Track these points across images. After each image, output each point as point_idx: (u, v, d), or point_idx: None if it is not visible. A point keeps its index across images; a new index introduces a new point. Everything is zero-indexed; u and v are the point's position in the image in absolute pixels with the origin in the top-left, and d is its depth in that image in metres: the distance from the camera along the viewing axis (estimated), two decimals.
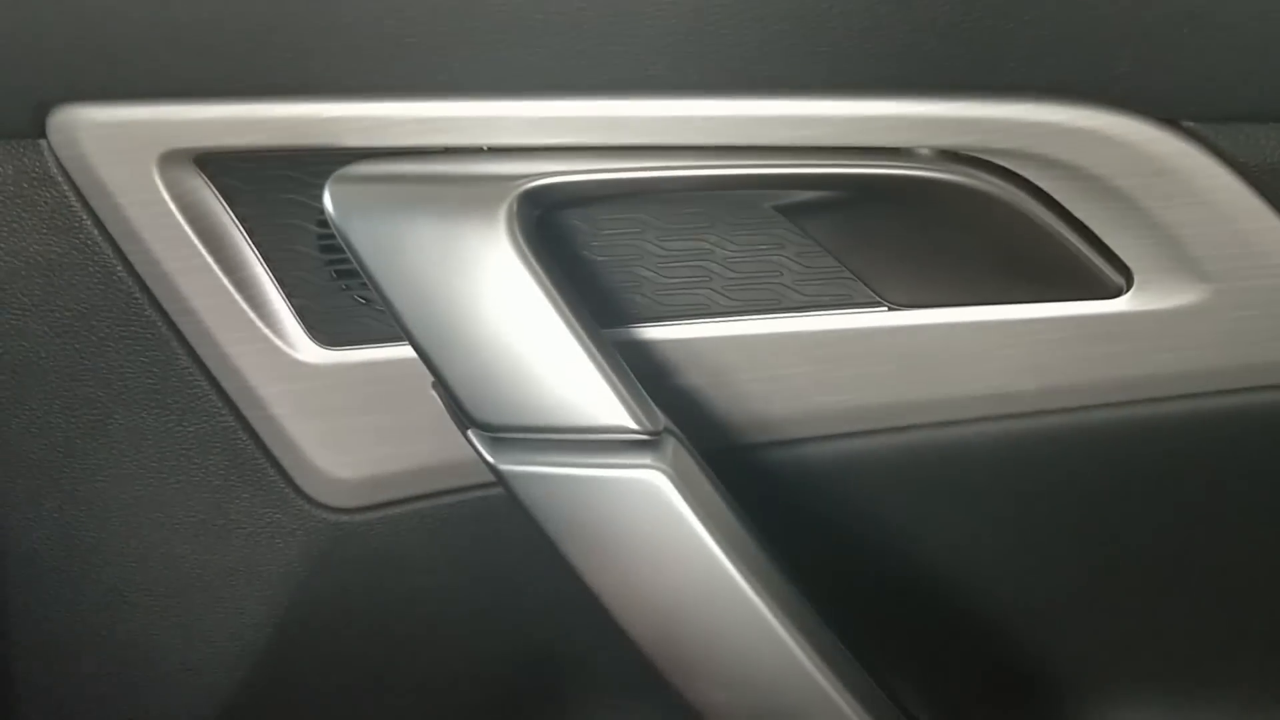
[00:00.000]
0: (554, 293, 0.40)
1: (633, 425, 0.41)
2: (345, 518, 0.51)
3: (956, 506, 0.49)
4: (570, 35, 0.38)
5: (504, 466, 0.42)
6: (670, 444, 0.42)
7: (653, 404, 0.42)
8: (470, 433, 0.42)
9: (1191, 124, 0.39)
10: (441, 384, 0.42)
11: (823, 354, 0.45)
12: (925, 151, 0.40)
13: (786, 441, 0.47)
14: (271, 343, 0.46)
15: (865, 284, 0.44)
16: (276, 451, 0.49)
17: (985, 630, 0.52)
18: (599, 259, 0.45)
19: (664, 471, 0.41)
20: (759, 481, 0.47)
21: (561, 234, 0.45)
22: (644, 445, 0.41)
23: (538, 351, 0.40)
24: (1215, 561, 0.49)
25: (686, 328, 0.45)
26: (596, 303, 0.45)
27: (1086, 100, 0.38)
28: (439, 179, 0.41)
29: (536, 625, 0.55)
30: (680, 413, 0.45)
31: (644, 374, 0.45)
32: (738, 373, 0.45)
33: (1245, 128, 0.39)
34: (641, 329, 0.45)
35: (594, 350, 0.40)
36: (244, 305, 0.45)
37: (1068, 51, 0.37)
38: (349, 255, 0.41)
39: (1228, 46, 0.37)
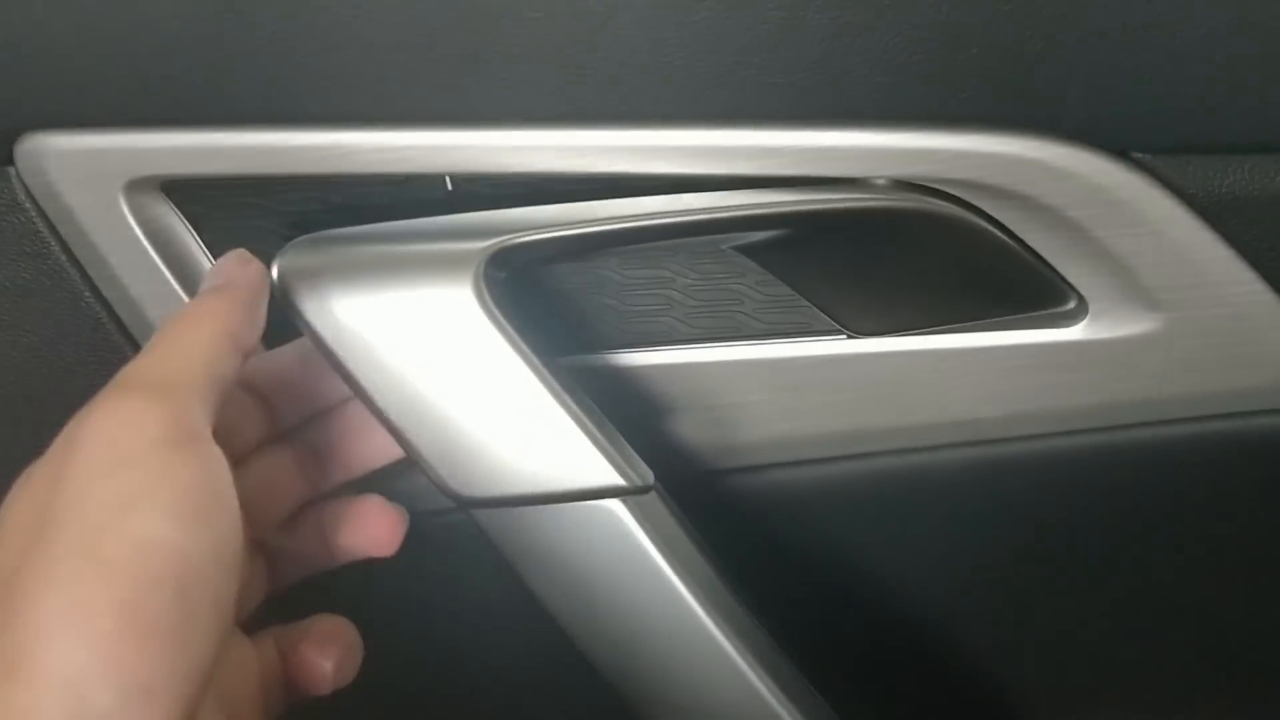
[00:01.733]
0: (531, 356, 0.40)
1: (624, 484, 0.41)
2: None
3: (923, 533, 0.49)
4: (527, 67, 0.39)
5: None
6: (652, 496, 0.42)
7: (638, 457, 0.42)
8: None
9: (1141, 155, 0.39)
10: (418, 462, 0.41)
11: (784, 381, 0.45)
12: (881, 181, 0.41)
13: (750, 468, 0.48)
14: None
15: (825, 313, 0.44)
16: None
17: (951, 656, 0.52)
18: (559, 286, 0.46)
19: (637, 520, 0.41)
20: (723, 507, 0.48)
21: (533, 277, 0.45)
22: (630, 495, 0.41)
23: (518, 418, 0.40)
24: (1181, 587, 0.50)
25: (647, 355, 0.45)
26: (553, 330, 0.45)
27: (1036, 132, 0.39)
28: (399, 240, 0.41)
29: (497, 657, 0.55)
30: (642, 438, 0.46)
31: (605, 401, 0.45)
32: (700, 399, 0.46)
33: (1194, 159, 0.39)
34: (600, 356, 0.45)
35: (577, 411, 0.40)
36: None
37: (1015, 84, 0.38)
38: (302, 329, 0.41)
39: (1175, 79, 0.38)
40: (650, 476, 0.41)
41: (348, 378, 0.40)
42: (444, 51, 0.39)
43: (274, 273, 0.41)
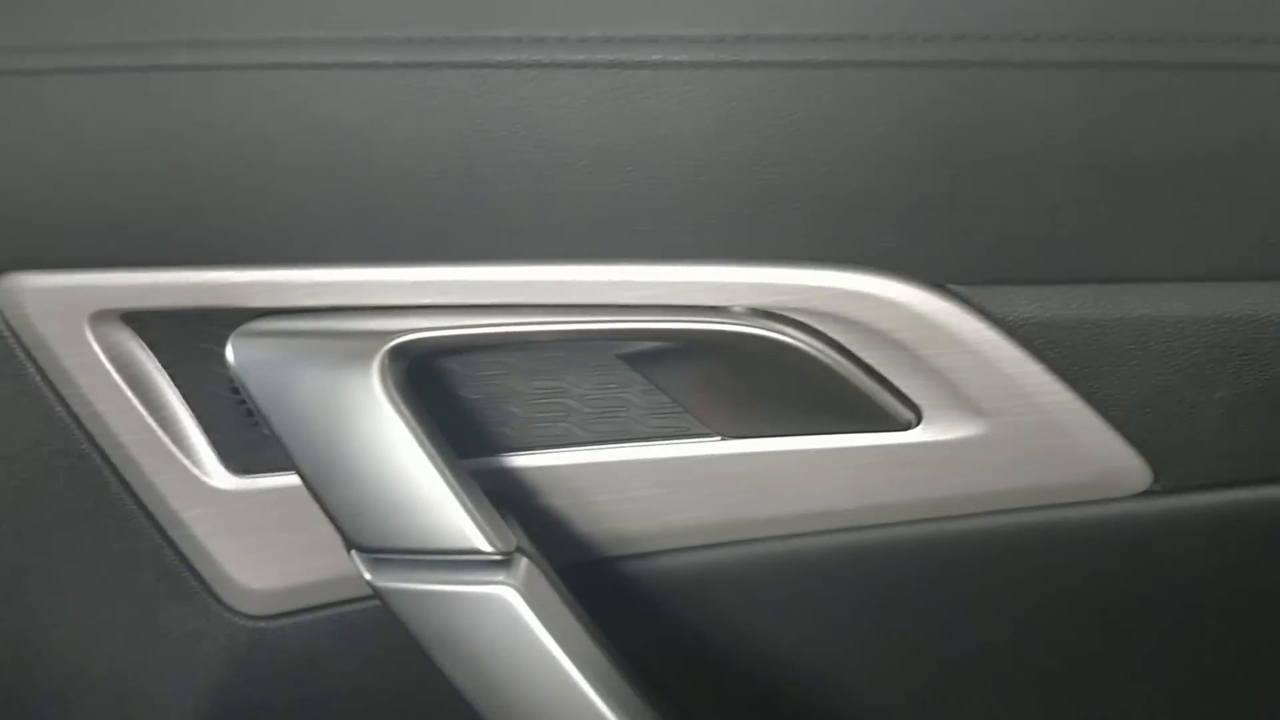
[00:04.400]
0: (419, 431, 0.47)
1: (486, 547, 0.47)
2: (263, 624, 0.57)
3: (800, 614, 0.55)
4: (427, 214, 0.45)
5: (379, 583, 0.48)
6: (523, 563, 0.48)
7: (506, 527, 0.48)
8: (352, 553, 0.49)
9: (955, 286, 0.45)
10: (325, 511, 0.48)
11: (669, 478, 0.51)
12: (739, 309, 0.47)
13: (642, 555, 0.53)
14: (191, 472, 0.53)
15: (698, 419, 0.50)
16: (199, 566, 0.55)
17: None
18: (472, 397, 0.52)
19: (515, 588, 0.47)
20: (619, 592, 0.53)
21: (439, 376, 0.52)
22: (498, 564, 0.47)
23: (404, 483, 0.47)
24: (1028, 663, 0.55)
25: (550, 456, 0.52)
26: (469, 435, 0.51)
27: (863, 268, 0.45)
28: (322, 334, 0.48)
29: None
30: (545, 531, 0.52)
31: (511, 498, 0.51)
32: (596, 495, 0.52)
33: (1001, 289, 0.45)
34: (509, 458, 0.52)
35: (453, 481, 0.47)
36: (166, 439, 0.52)
37: (842, 227, 0.44)
38: (247, 400, 0.48)
39: (980, 222, 0.44)
40: (513, 544, 0.48)
41: (278, 439, 0.48)
42: (360, 202, 0.46)
43: (228, 350, 0.48)
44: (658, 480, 0.51)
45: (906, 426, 0.49)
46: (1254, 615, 0.52)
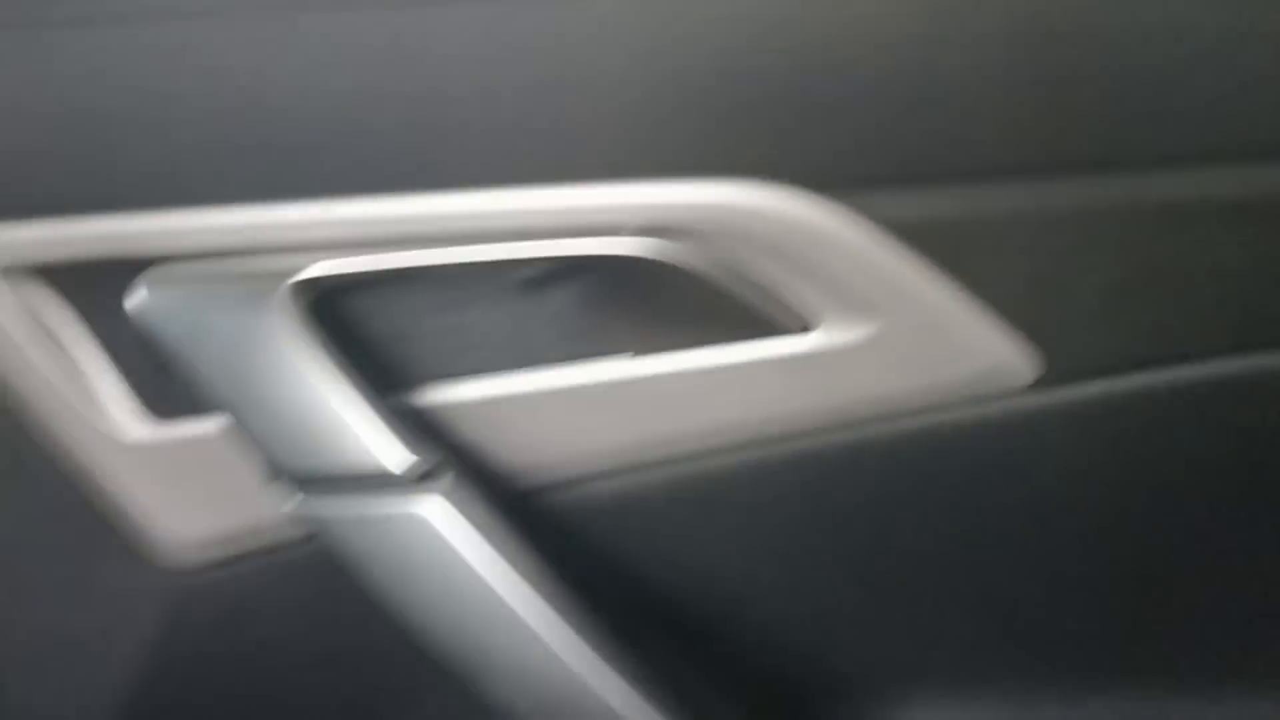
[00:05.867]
0: (327, 361, 0.48)
1: (408, 464, 0.49)
2: (192, 576, 0.57)
3: (719, 535, 0.56)
4: (316, 151, 0.47)
5: (304, 513, 0.49)
6: (449, 477, 0.49)
7: (427, 445, 0.49)
8: (277, 489, 0.50)
9: (834, 191, 0.47)
10: (256, 443, 0.49)
11: (579, 403, 0.52)
12: (630, 229, 0.48)
13: (561, 482, 0.54)
14: (109, 425, 0.54)
15: (601, 339, 0.52)
16: (122, 518, 0.56)
17: (765, 644, 0.59)
18: (383, 332, 0.53)
19: (442, 502, 0.49)
20: (543, 519, 0.55)
21: (346, 312, 0.52)
22: (422, 481, 0.49)
23: (317, 411, 0.48)
24: (944, 566, 0.56)
25: (462, 388, 0.53)
26: (380, 371, 0.52)
27: (742, 179, 0.47)
28: (224, 277, 0.49)
29: (380, 662, 0.61)
30: (464, 463, 0.53)
31: (429, 430, 0.52)
32: (511, 423, 0.53)
33: (876, 192, 0.47)
34: (421, 392, 0.53)
35: (367, 404, 0.48)
36: (85, 389, 0.53)
37: (722, 140, 0.46)
38: (155, 345, 0.49)
39: (853, 126, 0.46)
40: (437, 459, 0.50)
41: (198, 379, 0.49)
42: (253, 143, 0.47)
43: (129, 301, 0.49)
44: (568, 405, 0.52)
45: (800, 333, 0.50)
46: (1147, 506, 0.54)
